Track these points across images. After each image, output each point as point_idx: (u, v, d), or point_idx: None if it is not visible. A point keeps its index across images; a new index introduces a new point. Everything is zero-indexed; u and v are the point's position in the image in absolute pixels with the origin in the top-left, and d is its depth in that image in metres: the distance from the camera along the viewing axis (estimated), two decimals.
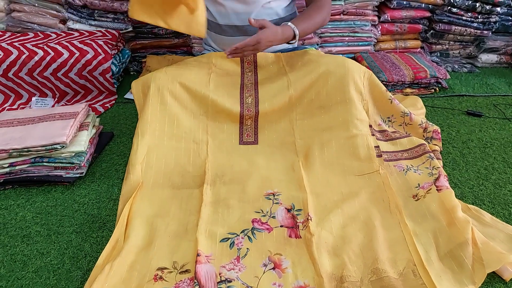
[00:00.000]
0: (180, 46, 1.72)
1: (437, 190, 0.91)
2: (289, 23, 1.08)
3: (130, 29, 1.63)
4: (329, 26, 1.68)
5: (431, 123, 1.18)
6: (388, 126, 1.16)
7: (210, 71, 1.13)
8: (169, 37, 1.68)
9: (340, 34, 1.70)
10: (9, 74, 1.45)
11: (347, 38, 1.71)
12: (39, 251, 0.85)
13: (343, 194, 0.94)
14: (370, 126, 1.08)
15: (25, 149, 1.01)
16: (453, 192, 0.89)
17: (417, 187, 0.95)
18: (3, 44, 1.45)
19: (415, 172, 1.00)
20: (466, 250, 0.77)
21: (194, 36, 1.65)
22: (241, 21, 1.16)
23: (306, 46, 1.56)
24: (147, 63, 1.64)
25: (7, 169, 1.03)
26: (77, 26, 1.61)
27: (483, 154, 1.16)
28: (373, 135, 1.06)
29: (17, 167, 1.03)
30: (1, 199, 1.01)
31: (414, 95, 1.49)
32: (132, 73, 1.74)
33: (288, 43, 1.11)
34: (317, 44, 1.70)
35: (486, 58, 1.80)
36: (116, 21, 1.62)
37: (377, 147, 1.03)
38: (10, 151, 1.01)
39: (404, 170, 1.01)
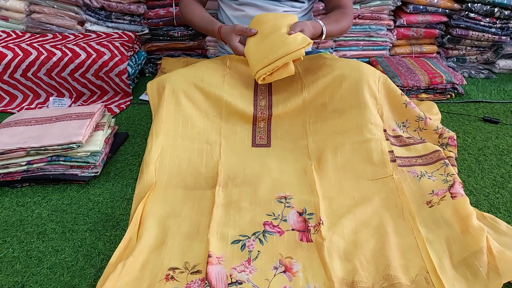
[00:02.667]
0: (195, 48, 1.74)
1: (451, 197, 0.89)
2: (319, 20, 1.08)
3: (146, 31, 1.65)
4: None
5: (447, 129, 1.16)
6: (403, 132, 1.14)
7: (225, 73, 1.14)
8: (184, 39, 1.70)
9: (355, 38, 1.69)
10: (28, 74, 1.48)
11: (362, 42, 1.70)
12: (54, 248, 0.87)
13: (356, 199, 0.93)
14: (385, 130, 1.07)
15: (42, 148, 1.03)
16: (468, 200, 0.88)
17: (431, 193, 0.94)
18: (23, 45, 1.49)
19: (429, 178, 0.98)
20: (480, 259, 0.75)
21: (209, 39, 1.67)
22: None
23: (321, 50, 1.56)
24: (162, 65, 1.66)
25: (25, 167, 1.05)
26: (94, 27, 1.64)
27: (500, 161, 1.14)
28: (387, 139, 1.05)
29: (34, 165, 1.05)
30: (18, 196, 1.03)
31: (430, 100, 1.47)
32: (147, 74, 1.76)
33: (313, 39, 1.11)
34: (332, 48, 1.70)
35: (504, 64, 1.77)
36: (132, 23, 1.64)
37: (391, 151, 1.02)
38: (28, 149, 1.03)
39: (418, 176, 1.00)
